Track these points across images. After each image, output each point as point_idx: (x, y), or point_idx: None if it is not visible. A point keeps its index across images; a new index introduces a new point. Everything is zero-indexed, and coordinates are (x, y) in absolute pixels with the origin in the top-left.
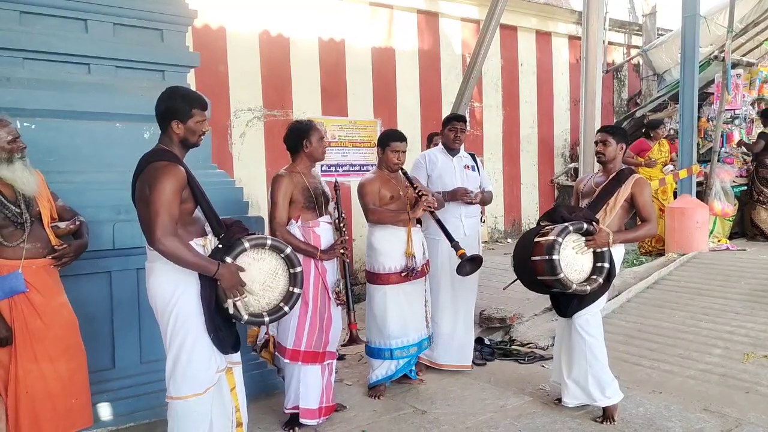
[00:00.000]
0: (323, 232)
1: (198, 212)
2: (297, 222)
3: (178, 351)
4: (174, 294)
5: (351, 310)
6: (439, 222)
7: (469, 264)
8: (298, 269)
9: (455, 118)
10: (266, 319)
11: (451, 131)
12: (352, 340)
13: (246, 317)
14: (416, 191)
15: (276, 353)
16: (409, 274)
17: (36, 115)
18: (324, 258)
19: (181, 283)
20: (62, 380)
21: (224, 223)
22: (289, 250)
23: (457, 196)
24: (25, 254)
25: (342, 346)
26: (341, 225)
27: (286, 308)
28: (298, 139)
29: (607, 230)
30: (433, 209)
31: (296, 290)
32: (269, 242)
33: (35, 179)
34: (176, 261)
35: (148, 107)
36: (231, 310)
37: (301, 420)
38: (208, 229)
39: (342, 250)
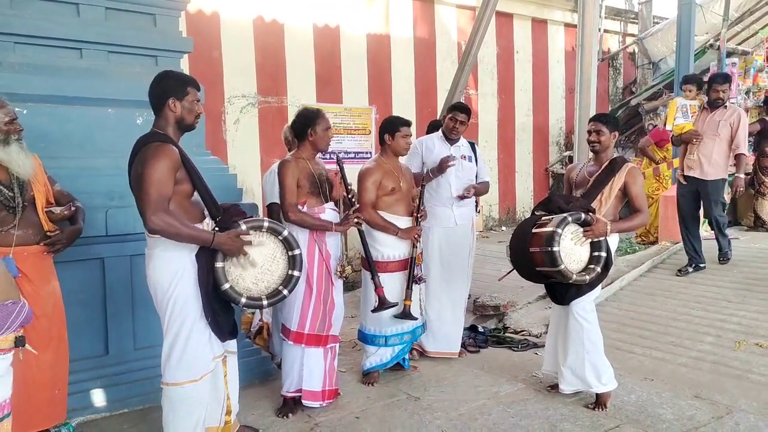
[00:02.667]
0: (329, 218)
1: (196, 196)
2: (303, 207)
3: (175, 337)
4: (173, 280)
5: (375, 275)
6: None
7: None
8: (297, 252)
9: (458, 108)
10: (265, 302)
11: (451, 120)
12: (382, 303)
13: (244, 300)
14: (350, 195)
15: (281, 335)
16: (417, 281)
17: (28, 100)
18: (339, 230)
19: (180, 269)
20: (47, 371)
21: (221, 207)
22: (286, 232)
23: (443, 166)
24: (15, 240)
25: (372, 311)
26: (350, 197)
27: (285, 291)
28: (304, 126)
29: (605, 220)
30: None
31: (296, 273)
32: (266, 224)
33: (31, 162)
34: (171, 236)
35: (140, 92)
36: (226, 286)
37: (304, 402)
38: (206, 213)
39: (356, 219)
